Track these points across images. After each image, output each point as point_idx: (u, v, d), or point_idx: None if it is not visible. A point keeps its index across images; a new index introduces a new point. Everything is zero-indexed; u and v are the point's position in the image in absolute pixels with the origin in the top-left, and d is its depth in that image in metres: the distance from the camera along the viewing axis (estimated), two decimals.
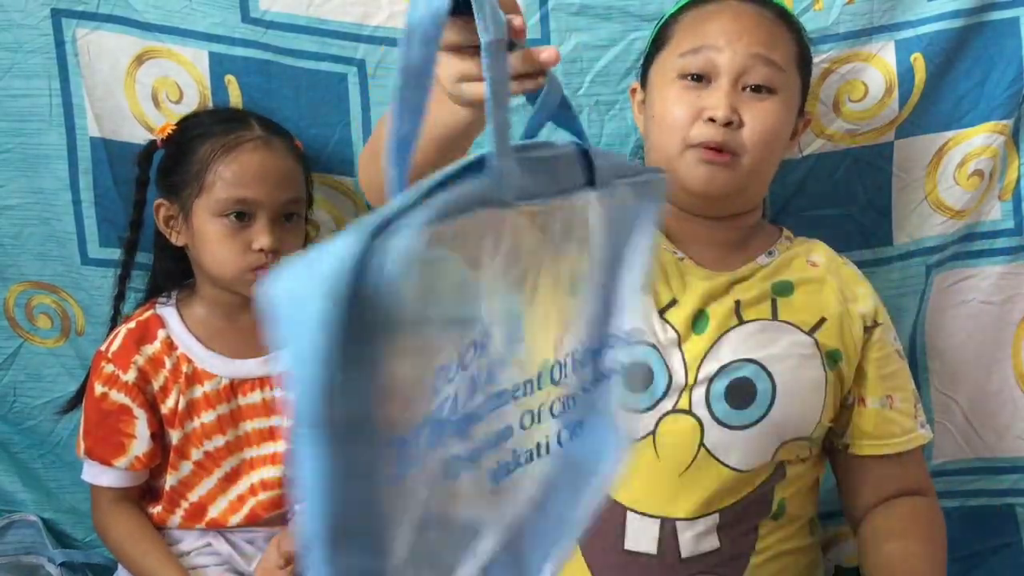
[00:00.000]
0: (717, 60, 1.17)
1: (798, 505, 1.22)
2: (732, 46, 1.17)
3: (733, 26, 1.19)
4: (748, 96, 1.18)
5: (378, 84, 1.43)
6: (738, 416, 1.15)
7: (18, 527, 1.59)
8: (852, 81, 1.42)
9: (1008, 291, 1.48)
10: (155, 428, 1.35)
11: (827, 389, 1.19)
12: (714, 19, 1.20)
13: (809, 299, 1.21)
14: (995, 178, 1.45)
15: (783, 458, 1.18)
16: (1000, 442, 1.53)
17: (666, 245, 1.23)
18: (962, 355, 1.50)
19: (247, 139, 1.31)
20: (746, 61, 1.17)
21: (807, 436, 1.19)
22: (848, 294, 1.23)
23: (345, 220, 1.50)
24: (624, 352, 1.11)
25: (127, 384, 1.33)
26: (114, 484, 1.36)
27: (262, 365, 1.36)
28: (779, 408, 1.15)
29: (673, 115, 1.18)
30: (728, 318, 1.18)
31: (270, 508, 1.37)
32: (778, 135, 1.20)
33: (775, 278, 1.22)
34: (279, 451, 1.36)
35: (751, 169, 1.18)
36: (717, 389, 1.16)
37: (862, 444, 1.24)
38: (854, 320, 1.22)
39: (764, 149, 1.18)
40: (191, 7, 1.41)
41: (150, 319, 1.37)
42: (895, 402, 1.24)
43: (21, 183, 1.50)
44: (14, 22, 1.44)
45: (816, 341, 1.18)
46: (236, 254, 1.30)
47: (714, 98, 1.16)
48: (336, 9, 1.40)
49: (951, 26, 1.39)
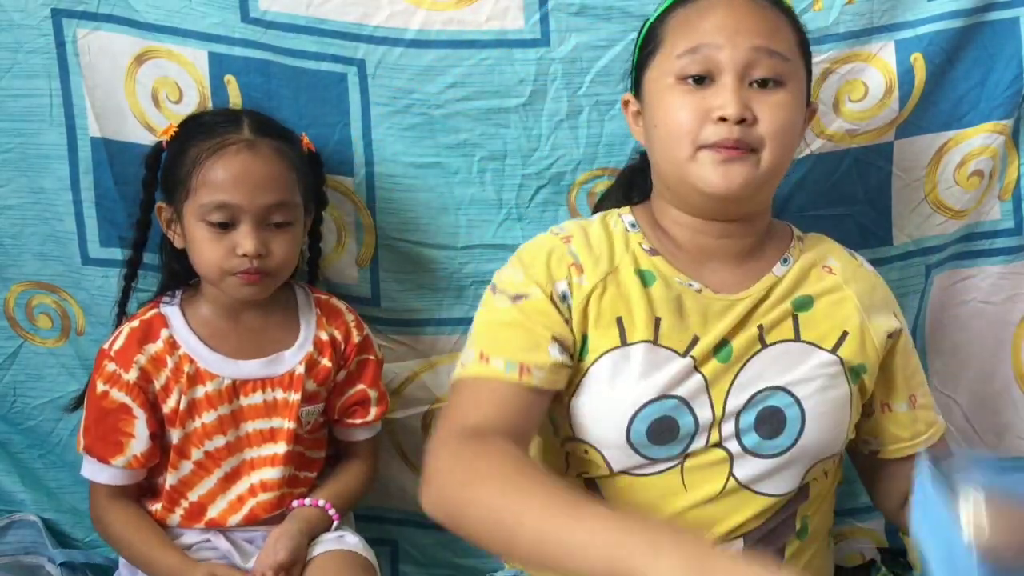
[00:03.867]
0: (718, 58, 1.11)
1: (820, 519, 1.22)
2: (732, 41, 1.11)
3: (729, 20, 1.12)
4: (757, 91, 1.12)
5: (378, 84, 1.43)
6: (770, 445, 1.13)
7: (18, 527, 1.59)
8: (852, 81, 1.42)
9: (1008, 291, 1.48)
10: (155, 428, 1.35)
11: (851, 404, 1.17)
12: (707, 15, 1.14)
13: (830, 312, 1.18)
14: (995, 178, 1.45)
15: (812, 477, 1.17)
16: (1000, 442, 1.53)
17: (680, 278, 1.17)
18: (962, 355, 1.51)
19: (231, 142, 1.30)
20: (749, 55, 1.11)
21: (835, 453, 1.18)
22: (867, 302, 1.20)
23: (345, 220, 1.50)
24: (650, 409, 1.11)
25: (128, 383, 1.33)
26: (111, 482, 1.36)
27: (264, 366, 1.36)
28: (809, 433, 1.13)
29: (678, 121, 1.12)
30: (752, 344, 1.15)
31: (270, 509, 1.37)
32: (795, 126, 1.15)
33: (795, 294, 1.18)
34: (279, 452, 1.36)
35: (771, 165, 1.13)
36: (747, 421, 1.13)
37: (893, 448, 1.23)
38: (877, 330, 1.19)
39: (783, 143, 1.13)
40: (191, 7, 1.41)
41: (153, 318, 1.36)
42: (918, 398, 1.23)
43: (21, 183, 1.50)
44: (14, 22, 1.44)
45: (840, 359, 1.16)
46: (220, 258, 1.29)
47: (721, 97, 1.10)
48: (336, 9, 1.41)
49: (951, 26, 1.39)
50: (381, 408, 1.43)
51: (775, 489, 1.15)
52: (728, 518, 1.14)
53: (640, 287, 1.16)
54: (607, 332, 1.14)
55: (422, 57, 1.42)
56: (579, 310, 1.15)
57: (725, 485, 1.13)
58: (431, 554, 1.63)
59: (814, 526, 1.20)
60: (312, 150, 1.41)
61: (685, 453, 1.13)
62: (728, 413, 1.13)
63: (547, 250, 1.18)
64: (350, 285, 1.52)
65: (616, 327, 1.14)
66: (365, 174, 1.47)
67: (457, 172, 1.46)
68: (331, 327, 1.40)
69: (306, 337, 1.38)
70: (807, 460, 1.15)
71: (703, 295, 1.16)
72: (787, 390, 1.13)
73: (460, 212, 1.48)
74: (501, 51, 1.41)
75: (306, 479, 1.41)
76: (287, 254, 1.32)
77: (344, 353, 1.40)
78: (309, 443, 1.41)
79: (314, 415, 1.39)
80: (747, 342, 1.15)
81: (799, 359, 1.15)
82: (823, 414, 1.14)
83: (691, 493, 1.14)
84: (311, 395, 1.38)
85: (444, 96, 1.43)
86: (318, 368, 1.38)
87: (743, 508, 1.14)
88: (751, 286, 1.18)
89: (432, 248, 1.50)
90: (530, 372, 1.11)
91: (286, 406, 1.36)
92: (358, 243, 1.51)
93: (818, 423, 1.14)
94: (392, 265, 1.52)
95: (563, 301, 1.15)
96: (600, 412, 1.14)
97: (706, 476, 1.13)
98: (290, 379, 1.36)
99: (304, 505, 1.38)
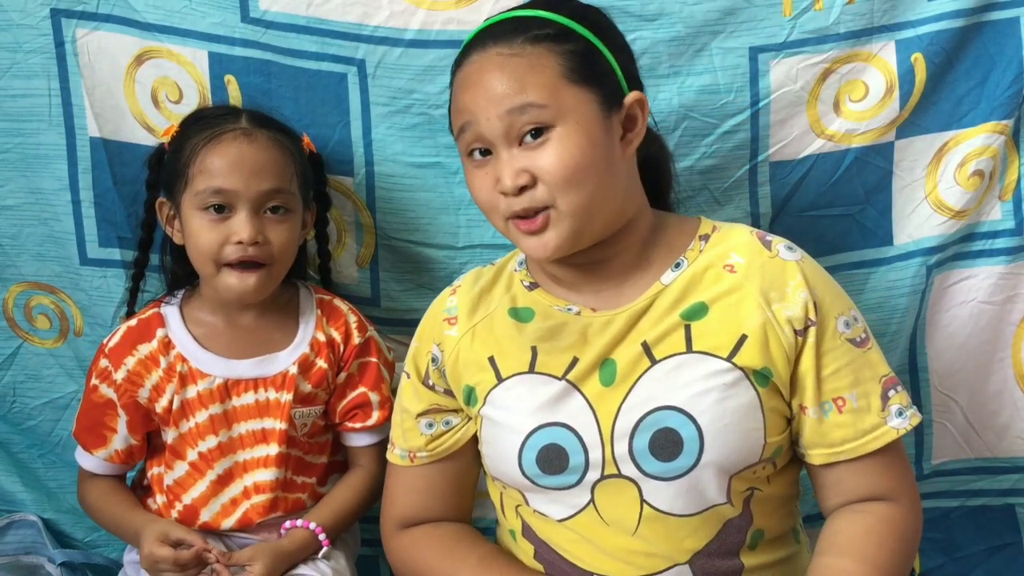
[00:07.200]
0: (482, 132, 1.11)
1: (775, 526, 1.18)
2: (484, 114, 1.10)
3: (478, 91, 1.11)
4: (529, 148, 1.09)
5: (378, 84, 1.43)
6: (670, 468, 1.10)
7: (18, 527, 1.59)
8: (852, 81, 1.42)
9: (1008, 291, 1.48)
10: (136, 431, 1.36)
11: (763, 409, 1.11)
12: (466, 89, 1.13)
13: (726, 316, 1.13)
14: (995, 178, 1.45)
15: (742, 487, 1.13)
16: (1000, 442, 1.53)
17: (559, 305, 1.18)
18: (962, 355, 1.50)
19: (228, 130, 1.30)
20: (502, 122, 1.09)
21: (756, 462, 1.12)
22: (774, 295, 1.13)
23: (345, 220, 1.50)
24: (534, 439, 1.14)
25: (116, 382, 1.34)
26: (94, 470, 1.40)
27: (256, 366, 1.35)
28: (712, 449, 1.09)
29: (480, 199, 1.14)
30: (638, 362, 1.13)
31: (263, 512, 1.36)
32: (584, 159, 1.09)
33: (684, 303, 1.14)
34: (271, 454, 1.35)
35: (574, 211, 1.09)
36: (639, 446, 1.11)
37: (813, 453, 1.15)
38: (781, 326, 1.12)
39: (574, 184, 1.09)
40: (191, 7, 1.41)
41: (152, 317, 1.37)
42: (848, 402, 1.13)
43: (20, 183, 1.50)
44: (14, 22, 1.44)
45: (737, 366, 1.11)
46: (216, 246, 1.28)
47: (504, 173, 1.10)
48: (336, 9, 1.40)
49: (951, 26, 1.39)
50: (384, 412, 1.39)
51: (695, 507, 1.12)
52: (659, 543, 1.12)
53: (513, 325, 1.20)
54: (483, 375, 1.19)
55: (422, 57, 1.41)
56: (451, 362, 1.22)
57: (641, 512, 1.12)
58: None
59: (771, 533, 1.16)
60: (313, 150, 1.41)
61: (589, 484, 1.13)
62: (618, 436, 1.11)
63: (431, 313, 1.28)
64: (350, 285, 1.52)
65: (490, 366, 1.19)
66: (365, 174, 1.47)
67: (457, 172, 1.46)
68: (331, 328, 1.39)
69: (303, 338, 1.38)
70: (722, 474, 1.11)
71: (582, 316, 1.17)
72: (679, 409, 1.10)
73: (460, 212, 1.48)
74: None
75: (304, 484, 1.40)
76: (284, 243, 1.31)
77: (343, 355, 1.39)
78: (308, 447, 1.40)
79: (311, 417, 1.38)
80: (633, 359, 1.13)
81: (692, 373, 1.11)
82: (726, 427, 1.09)
83: (612, 527, 1.13)
84: (307, 397, 1.37)
85: (444, 96, 1.42)
86: (313, 369, 1.37)
87: (671, 530, 1.12)
88: (635, 299, 1.16)
89: (432, 248, 1.50)
90: (416, 455, 1.27)
91: (278, 407, 1.35)
92: (358, 243, 1.51)
93: (720, 437, 1.09)
94: (392, 265, 1.52)
95: (434, 364, 1.24)
96: (495, 449, 1.19)
97: (619, 507, 1.12)
98: (283, 379, 1.35)
99: (296, 527, 1.35)
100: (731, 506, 1.13)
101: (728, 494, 1.12)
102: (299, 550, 1.33)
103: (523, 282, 1.23)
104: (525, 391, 1.16)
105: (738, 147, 1.43)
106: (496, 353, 1.19)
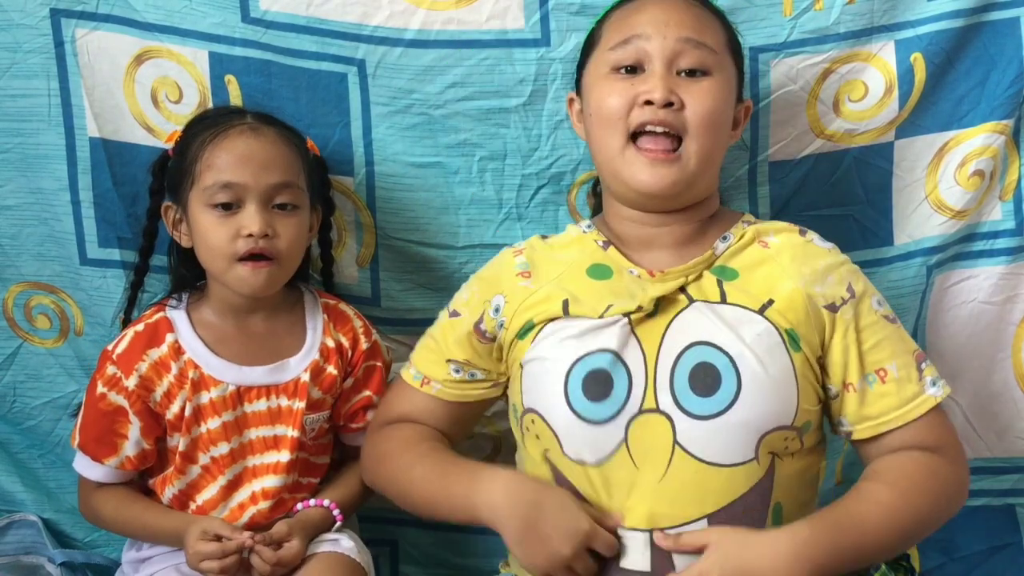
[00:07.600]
0: (647, 48, 1.20)
1: (794, 509, 1.19)
2: (661, 32, 1.20)
3: (660, 14, 1.21)
4: (684, 80, 1.20)
5: (378, 84, 1.43)
6: (708, 404, 1.14)
7: (18, 527, 1.59)
8: (852, 81, 1.42)
9: (1008, 291, 1.48)
10: (149, 435, 1.34)
11: (796, 374, 1.16)
12: (640, 11, 1.23)
13: (756, 280, 1.20)
14: (996, 178, 1.45)
15: (769, 450, 1.15)
16: (1000, 442, 1.53)
17: (623, 263, 1.24)
18: (962, 355, 1.51)
19: (235, 125, 1.30)
20: (676, 46, 1.19)
21: (789, 425, 1.15)
22: (806, 270, 1.20)
23: (345, 220, 1.50)
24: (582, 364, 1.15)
25: (127, 389, 1.32)
26: (103, 479, 1.37)
27: (269, 373, 1.35)
28: (749, 391, 1.13)
29: (609, 106, 1.20)
30: (678, 301, 1.20)
31: (269, 516, 1.35)
32: (721, 115, 1.21)
33: (721, 266, 1.22)
34: (282, 460, 1.35)
35: (697, 160, 1.19)
36: (680, 378, 1.15)
37: (859, 428, 1.20)
38: (813, 298, 1.18)
39: (708, 129, 1.19)
40: (191, 7, 1.41)
41: (159, 322, 1.35)
42: (890, 373, 1.19)
43: (20, 183, 1.50)
44: (13, 22, 1.44)
45: (770, 321, 1.17)
46: (226, 242, 1.28)
47: (649, 83, 1.18)
48: (336, 9, 1.40)
49: (951, 26, 1.39)
50: None
51: (724, 457, 1.14)
52: (683, 493, 1.14)
53: (590, 281, 1.24)
54: (552, 310, 1.22)
55: (422, 57, 1.42)
56: (517, 305, 1.25)
57: (672, 454, 1.13)
58: (431, 554, 1.63)
59: (789, 515, 1.17)
60: (317, 154, 1.41)
61: (626, 419, 1.14)
62: (660, 371, 1.15)
63: (497, 268, 1.32)
64: (350, 285, 1.52)
65: (561, 309, 1.22)
66: (365, 174, 1.47)
67: (457, 172, 1.46)
68: (339, 333, 1.39)
69: (312, 344, 1.37)
70: (753, 428, 1.14)
71: (641, 279, 1.23)
72: (717, 346, 1.15)
73: (460, 212, 1.48)
74: (501, 51, 1.41)
75: (309, 484, 1.40)
76: (293, 238, 1.31)
77: (351, 360, 1.39)
78: (314, 449, 1.40)
79: (319, 422, 1.38)
80: (672, 300, 1.20)
81: (727, 317, 1.17)
82: (762, 372, 1.14)
83: (642, 471, 1.14)
84: (317, 403, 1.37)
85: (444, 96, 1.43)
86: (324, 376, 1.37)
87: (696, 480, 1.13)
88: (688, 262, 1.23)
89: (432, 248, 1.50)
90: (430, 383, 1.31)
91: (290, 414, 1.35)
92: (358, 243, 1.51)
93: (755, 383, 1.13)
94: (392, 265, 1.52)
95: (495, 313, 1.27)
96: (540, 380, 1.20)
97: (651, 446, 1.14)
98: (295, 387, 1.35)
99: (310, 507, 1.37)
100: (757, 464, 1.14)
101: (756, 451, 1.14)
102: (316, 529, 1.35)
103: (597, 241, 1.28)
104: (586, 328, 1.19)
105: (738, 147, 1.43)
106: (571, 299, 1.22)
